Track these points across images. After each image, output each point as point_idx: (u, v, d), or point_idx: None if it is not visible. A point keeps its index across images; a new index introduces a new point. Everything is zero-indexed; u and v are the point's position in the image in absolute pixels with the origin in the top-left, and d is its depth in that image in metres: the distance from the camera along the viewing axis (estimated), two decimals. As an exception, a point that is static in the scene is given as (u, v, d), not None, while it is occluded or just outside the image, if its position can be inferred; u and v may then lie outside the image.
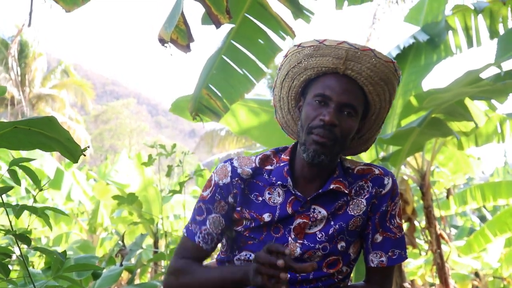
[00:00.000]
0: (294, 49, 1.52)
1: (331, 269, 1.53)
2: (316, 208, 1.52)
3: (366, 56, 1.45)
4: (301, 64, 1.51)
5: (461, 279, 10.33)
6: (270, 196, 1.53)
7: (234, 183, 1.54)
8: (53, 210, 1.71)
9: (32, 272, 2.92)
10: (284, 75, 1.57)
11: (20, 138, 1.40)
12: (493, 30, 4.84)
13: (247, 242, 1.53)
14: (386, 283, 1.59)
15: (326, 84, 1.48)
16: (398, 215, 1.60)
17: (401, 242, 1.58)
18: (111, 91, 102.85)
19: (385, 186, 1.55)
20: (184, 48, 2.63)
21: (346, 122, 1.46)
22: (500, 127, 5.74)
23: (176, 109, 4.71)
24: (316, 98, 1.47)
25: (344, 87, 1.47)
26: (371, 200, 1.54)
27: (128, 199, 3.85)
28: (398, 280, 4.50)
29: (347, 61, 1.45)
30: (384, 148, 5.33)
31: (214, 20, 2.62)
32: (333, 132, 1.44)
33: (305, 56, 1.50)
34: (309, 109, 1.48)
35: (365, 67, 1.46)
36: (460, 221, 14.40)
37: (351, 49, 1.45)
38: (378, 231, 1.56)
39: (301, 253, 1.50)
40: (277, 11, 3.45)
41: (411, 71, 5.18)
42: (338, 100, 1.45)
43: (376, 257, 1.56)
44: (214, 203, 1.55)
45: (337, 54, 1.45)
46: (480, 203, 8.62)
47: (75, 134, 20.93)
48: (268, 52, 3.67)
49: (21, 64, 20.66)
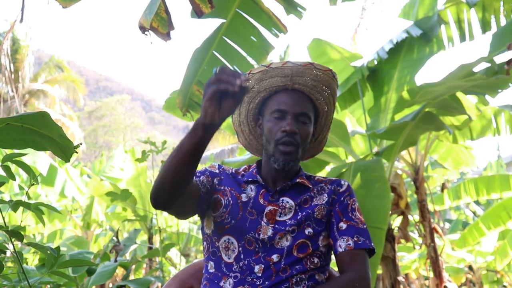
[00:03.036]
0: (245, 77, 1.63)
1: (301, 253, 1.63)
2: (284, 199, 1.71)
3: (308, 70, 1.70)
4: (254, 88, 1.74)
5: (455, 272, 10.39)
6: (245, 191, 1.73)
7: (220, 171, 1.79)
8: (46, 207, 1.71)
9: (26, 268, 2.92)
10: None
11: (13, 136, 1.39)
12: (486, 23, 4.86)
13: (224, 227, 1.67)
14: (360, 267, 1.63)
15: (280, 100, 1.71)
16: (358, 211, 1.75)
17: (364, 232, 1.70)
18: (105, 87, 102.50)
19: (342, 186, 1.76)
20: (164, 36, 2.64)
21: (303, 129, 1.69)
22: (495, 120, 5.76)
23: (169, 107, 4.70)
24: (273, 114, 1.70)
25: (295, 100, 1.70)
26: (331, 195, 1.73)
27: (122, 196, 3.85)
28: (392, 274, 4.52)
29: (293, 77, 1.70)
30: (377, 143, 5.35)
31: (196, 9, 2.62)
32: (296, 139, 1.67)
33: (256, 81, 1.73)
34: (270, 124, 1.70)
35: (309, 79, 1.71)
36: (454, 215, 14.48)
37: (295, 67, 1.69)
38: (341, 219, 1.70)
39: (273, 234, 1.63)
40: (269, 7, 3.44)
41: (404, 65, 5.19)
42: (293, 111, 1.68)
43: (343, 242, 1.66)
44: (204, 172, 1.76)
45: (284, 73, 1.70)
46: (474, 197, 8.66)
47: (68, 131, 20.83)
48: (260, 49, 3.66)
49: (13, 60, 20.55)
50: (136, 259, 4.12)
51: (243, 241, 1.63)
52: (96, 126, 40.24)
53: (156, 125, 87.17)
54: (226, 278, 1.62)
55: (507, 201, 8.36)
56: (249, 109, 1.80)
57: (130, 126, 41.49)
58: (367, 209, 3.39)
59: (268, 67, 1.71)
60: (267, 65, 1.71)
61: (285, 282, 1.59)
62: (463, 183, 8.80)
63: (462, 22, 5.02)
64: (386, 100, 5.25)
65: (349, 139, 5.04)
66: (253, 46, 3.65)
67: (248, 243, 1.63)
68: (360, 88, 5.27)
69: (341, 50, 5.84)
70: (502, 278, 10.65)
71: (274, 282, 1.58)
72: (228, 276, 1.62)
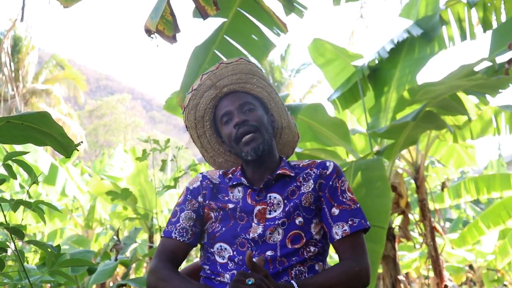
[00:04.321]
0: (185, 114, 1.82)
1: (296, 245, 1.62)
2: (271, 195, 1.70)
3: (222, 70, 1.76)
4: (197, 116, 1.81)
5: (456, 272, 10.39)
6: (233, 194, 1.74)
7: (204, 185, 1.78)
8: (47, 205, 1.71)
9: (27, 267, 2.92)
10: (195, 132, 1.85)
11: (13, 132, 1.40)
12: (487, 23, 4.85)
13: (215, 235, 1.68)
14: (358, 253, 1.64)
15: (220, 108, 1.77)
16: (349, 191, 1.74)
17: (358, 212, 1.69)
18: (105, 86, 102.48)
19: (328, 168, 1.74)
20: (170, 39, 2.65)
21: (252, 114, 1.73)
22: (495, 120, 5.76)
23: (170, 107, 4.71)
24: (222, 120, 1.76)
25: (232, 99, 1.76)
26: (317, 180, 1.72)
27: (122, 195, 3.85)
28: (393, 273, 4.52)
29: (216, 84, 1.77)
30: (378, 142, 5.35)
31: (201, 11, 2.63)
32: (250, 125, 1.70)
33: (193, 109, 1.80)
34: (224, 129, 1.76)
35: (229, 77, 1.77)
36: (454, 215, 14.47)
37: (211, 74, 1.76)
38: (333, 205, 1.69)
39: (263, 231, 1.63)
40: (270, 6, 3.44)
41: (405, 65, 5.19)
42: (234, 107, 1.74)
43: (339, 228, 1.65)
44: (186, 202, 1.77)
45: (206, 85, 1.77)
46: (474, 195, 8.65)
47: (70, 131, 20.80)
48: (261, 48, 3.67)
49: (14, 59, 20.52)
50: (137, 257, 4.13)
51: (235, 244, 1.64)
52: (97, 125, 40.22)
53: (157, 124, 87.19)
54: (223, 275, 1.62)
55: (507, 200, 8.36)
56: (209, 139, 1.86)
57: (131, 125, 41.47)
58: (368, 208, 3.38)
59: (192, 91, 1.79)
60: (190, 91, 1.79)
61: (283, 274, 1.58)
62: (463, 181, 8.78)
63: (463, 21, 5.01)
64: (387, 100, 5.25)
65: (350, 138, 5.04)
66: (254, 45, 3.65)
67: (241, 245, 1.63)
68: (361, 88, 5.27)
69: (342, 50, 5.84)
70: (502, 277, 10.65)
71: (272, 274, 1.56)
72: (225, 274, 1.62)
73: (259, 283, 1.41)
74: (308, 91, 23.54)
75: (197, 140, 1.86)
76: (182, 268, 1.95)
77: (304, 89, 25.16)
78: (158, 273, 1.66)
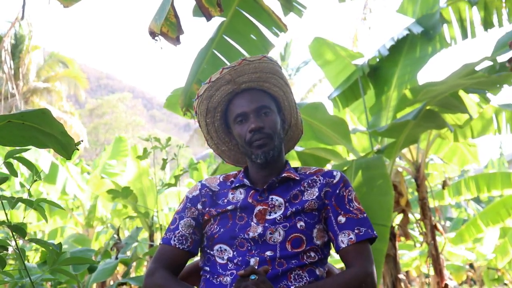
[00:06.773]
0: (196, 103, 1.79)
1: (296, 249, 1.61)
2: (273, 197, 1.70)
3: (244, 66, 1.72)
4: (210, 107, 1.79)
5: (456, 270, 10.40)
6: (233, 196, 1.75)
7: (203, 193, 1.78)
8: (48, 203, 1.71)
9: (28, 266, 2.92)
10: (204, 120, 1.82)
11: (14, 133, 1.39)
12: (488, 21, 4.84)
13: (214, 237, 1.68)
14: (364, 262, 1.62)
15: (236, 105, 1.75)
16: (356, 200, 1.73)
17: (365, 221, 1.69)
18: (106, 85, 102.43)
19: (334, 177, 1.75)
20: (174, 41, 2.65)
21: (268, 120, 1.72)
22: (496, 119, 5.75)
23: (170, 105, 4.71)
24: (236, 120, 1.75)
25: (249, 98, 1.74)
26: (323, 188, 1.72)
27: (123, 193, 3.85)
28: (393, 272, 4.52)
29: (236, 80, 1.74)
30: (378, 141, 5.34)
31: (205, 12, 2.63)
32: (264, 132, 1.70)
33: (207, 100, 1.77)
34: (238, 129, 1.74)
35: (250, 74, 1.74)
36: (454, 213, 14.47)
37: (232, 70, 1.72)
38: (339, 213, 1.68)
39: (263, 230, 1.63)
40: (269, 5, 3.44)
41: (406, 63, 5.18)
42: (251, 109, 1.72)
43: (345, 236, 1.65)
44: (185, 210, 1.78)
45: (225, 80, 1.73)
46: (475, 193, 8.65)
47: (71, 130, 20.78)
48: (260, 48, 3.66)
49: (15, 58, 20.50)
50: (137, 256, 4.12)
51: (234, 245, 1.63)
52: (97, 124, 40.20)
53: (157, 123, 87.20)
54: (222, 277, 1.62)
55: (507, 199, 8.36)
56: (216, 128, 1.84)
57: (131, 124, 41.44)
58: (370, 207, 3.37)
59: (209, 82, 1.75)
60: (207, 81, 1.76)
61: (282, 277, 1.57)
62: (464, 179, 8.78)
63: (464, 20, 5.00)
64: (387, 98, 5.24)
65: (350, 136, 5.04)
66: (253, 44, 3.65)
67: (240, 245, 1.63)
68: (361, 86, 5.26)
69: (342, 49, 5.84)
70: (502, 276, 10.67)
71: (271, 276, 1.55)
72: (225, 275, 1.62)
73: (263, 279, 1.45)
74: (309, 89, 23.56)
75: (204, 127, 1.85)
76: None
77: (305, 88, 25.18)
78: (155, 276, 1.67)
